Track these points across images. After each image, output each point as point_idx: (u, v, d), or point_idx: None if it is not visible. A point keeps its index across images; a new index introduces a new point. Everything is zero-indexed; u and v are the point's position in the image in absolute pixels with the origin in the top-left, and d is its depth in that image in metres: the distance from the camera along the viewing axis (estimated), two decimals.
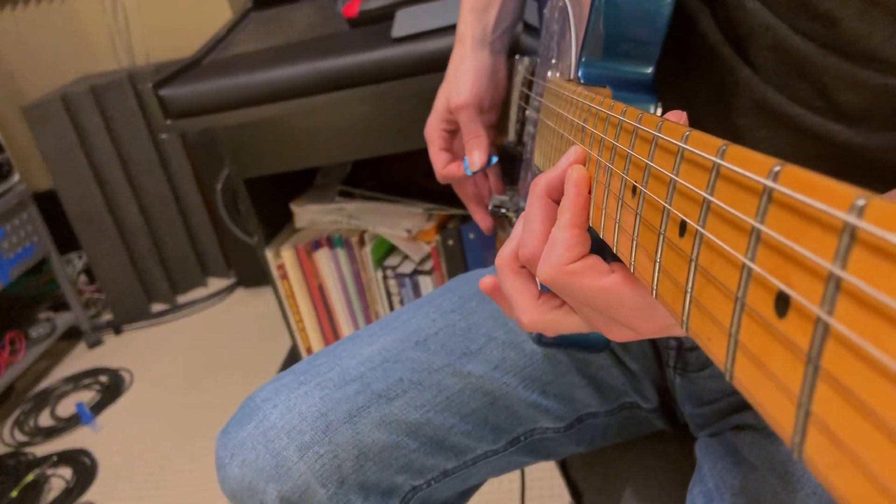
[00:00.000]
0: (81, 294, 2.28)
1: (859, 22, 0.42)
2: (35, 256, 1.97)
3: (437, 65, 1.14)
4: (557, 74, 0.59)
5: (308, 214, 1.48)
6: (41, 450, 1.73)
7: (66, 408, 1.87)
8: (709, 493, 0.56)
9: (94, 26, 2.14)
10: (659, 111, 0.48)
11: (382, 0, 1.29)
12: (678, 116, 0.37)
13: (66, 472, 1.64)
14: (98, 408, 1.84)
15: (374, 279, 1.46)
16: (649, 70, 0.50)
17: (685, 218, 0.23)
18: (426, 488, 0.59)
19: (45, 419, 1.84)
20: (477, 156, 0.66)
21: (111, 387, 1.92)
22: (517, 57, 0.79)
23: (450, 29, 1.14)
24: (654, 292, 0.27)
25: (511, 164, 0.79)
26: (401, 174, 1.53)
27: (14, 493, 1.54)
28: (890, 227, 0.13)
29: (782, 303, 0.17)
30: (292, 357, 1.80)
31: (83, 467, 1.64)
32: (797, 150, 0.48)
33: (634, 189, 0.30)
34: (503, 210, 0.73)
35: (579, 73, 0.50)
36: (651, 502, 0.67)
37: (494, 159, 0.70)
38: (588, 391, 0.63)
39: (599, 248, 0.36)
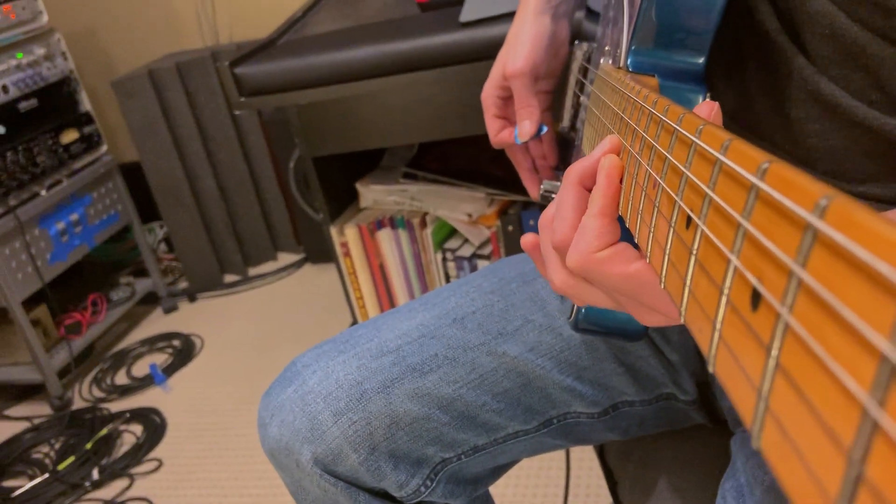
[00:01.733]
0: (160, 262, 2.38)
1: None
2: (118, 224, 2.07)
3: None
4: (610, 62, 0.59)
5: (372, 194, 1.51)
6: (116, 406, 1.82)
7: (140, 368, 1.97)
8: (740, 488, 0.56)
9: (183, 5, 2.22)
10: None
11: None
12: (709, 108, 0.37)
13: (137, 428, 1.73)
14: (170, 370, 1.93)
15: (434, 261, 1.48)
16: (700, 60, 0.49)
17: (689, 211, 0.24)
18: (456, 461, 0.61)
19: (121, 378, 1.94)
20: (527, 125, 0.66)
21: (183, 351, 2.00)
22: (576, 42, 0.79)
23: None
24: (662, 283, 0.28)
25: (566, 150, 0.79)
26: (464, 158, 1.54)
27: (88, 445, 1.64)
28: (845, 229, 0.13)
29: (756, 297, 0.17)
30: None
31: (153, 425, 1.73)
32: (851, 145, 0.47)
33: (655, 182, 0.30)
34: (553, 195, 0.73)
35: (628, 62, 0.50)
36: (684, 494, 0.67)
37: (544, 129, 0.70)
38: (624, 379, 0.63)
39: (630, 236, 0.37)
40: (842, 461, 0.13)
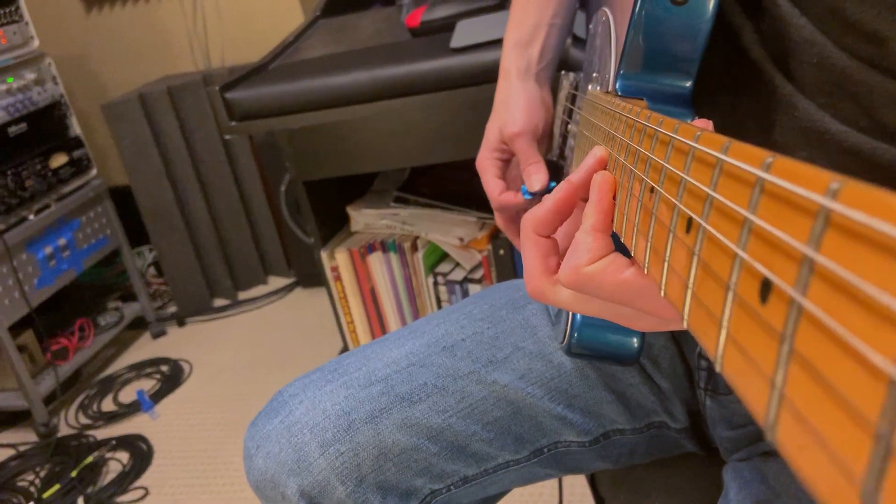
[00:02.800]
0: (149, 286, 2.37)
1: None
2: (107, 248, 2.06)
3: (494, 75, 1.14)
4: (598, 87, 0.59)
5: (363, 218, 1.51)
6: (102, 433, 1.80)
7: (127, 394, 1.94)
8: None
9: (175, 29, 2.23)
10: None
11: (444, 11, 1.30)
12: (704, 124, 0.37)
13: (124, 456, 1.70)
14: (157, 396, 1.90)
15: (425, 285, 1.47)
16: (688, 84, 0.49)
17: (691, 213, 0.24)
18: (445, 493, 0.60)
19: (107, 404, 1.91)
20: (536, 179, 0.66)
21: (171, 376, 1.98)
22: (562, 73, 0.79)
23: None
24: (663, 290, 0.28)
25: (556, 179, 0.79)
26: (455, 182, 1.54)
27: (74, 473, 1.61)
28: (861, 207, 0.14)
29: (766, 289, 0.17)
30: None
31: (140, 453, 1.70)
32: (840, 171, 0.47)
33: (652, 189, 0.30)
34: None
35: (616, 86, 0.50)
36: None
37: (553, 184, 0.70)
38: (615, 407, 0.62)
39: (625, 251, 0.37)
40: (868, 439, 0.13)
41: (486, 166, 0.71)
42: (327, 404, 0.58)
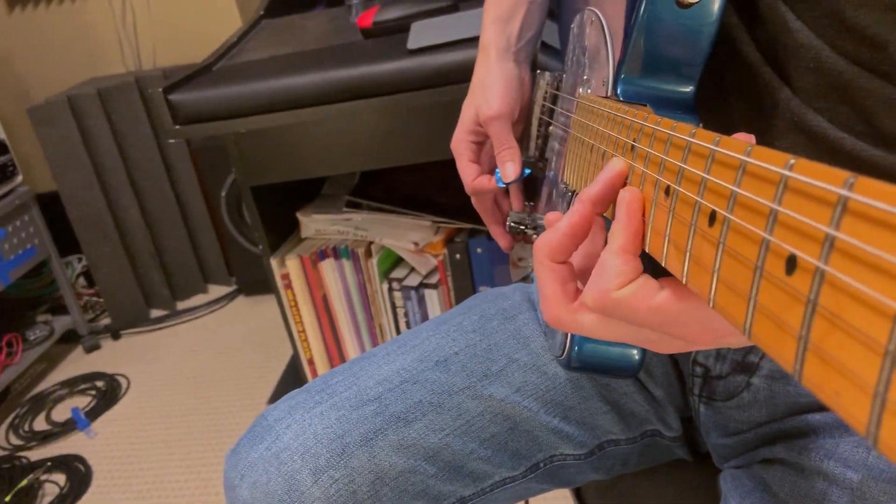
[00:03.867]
0: (80, 297, 2.26)
1: None
2: (35, 258, 1.94)
3: (451, 78, 1.13)
4: (589, 90, 0.57)
5: (315, 224, 1.47)
6: (36, 454, 1.70)
7: (61, 412, 1.84)
8: None
9: (103, 29, 2.13)
10: None
11: (397, 12, 1.28)
12: (747, 138, 0.36)
13: (60, 478, 1.61)
14: (94, 413, 1.82)
15: (380, 291, 1.44)
16: (689, 89, 0.49)
17: (715, 208, 0.27)
18: None
19: (40, 423, 1.81)
20: (510, 167, 0.64)
21: (107, 392, 1.89)
22: (538, 72, 0.77)
23: (465, 42, 1.13)
24: (685, 278, 0.29)
25: (528, 181, 0.77)
26: (409, 186, 1.51)
27: (7, 498, 1.52)
28: (877, 197, 0.18)
29: (791, 264, 0.21)
30: (292, 367, 1.77)
31: (77, 474, 1.62)
32: None
33: (669, 190, 0.32)
34: (522, 227, 0.71)
35: (618, 91, 0.48)
36: None
37: (527, 171, 0.68)
38: (610, 417, 0.61)
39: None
40: (878, 358, 0.17)
41: (461, 150, 0.68)
42: (318, 427, 0.54)
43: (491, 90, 0.64)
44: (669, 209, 0.31)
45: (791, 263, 0.21)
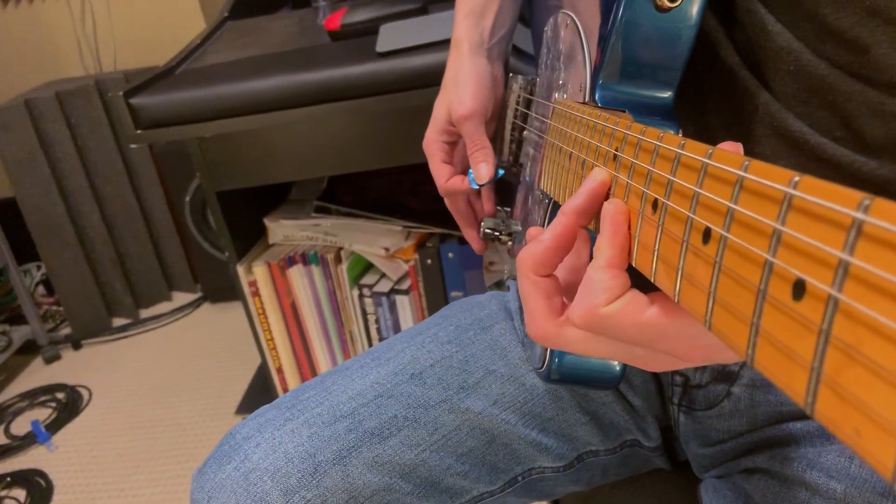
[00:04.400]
0: (39, 307, 2.20)
1: (890, 50, 0.40)
2: None
3: (420, 81, 1.11)
4: (565, 95, 0.56)
5: (282, 230, 1.44)
6: None
7: (20, 426, 1.79)
8: None
9: (62, 31, 2.07)
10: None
11: (365, 14, 1.26)
12: (734, 147, 0.35)
13: (20, 493, 1.56)
14: (54, 426, 1.77)
15: (350, 298, 1.42)
16: (668, 94, 0.48)
17: (713, 227, 0.25)
18: None
19: None
20: (484, 168, 0.62)
21: (69, 404, 1.84)
22: (510, 75, 0.76)
23: (435, 45, 1.11)
24: (677, 297, 0.28)
25: (501, 185, 0.76)
26: (379, 191, 1.49)
27: None
28: (893, 220, 0.17)
29: (798, 289, 0.20)
30: (261, 376, 1.74)
31: (38, 489, 1.57)
32: None
33: (656, 204, 0.30)
34: (497, 234, 0.70)
35: (597, 96, 0.47)
36: None
37: (501, 172, 0.66)
38: (589, 428, 0.60)
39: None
40: None
41: (433, 150, 0.66)
42: (289, 446, 0.52)
43: (463, 88, 0.62)
44: (658, 223, 0.30)
45: (799, 288, 0.20)
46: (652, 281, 0.30)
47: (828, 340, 0.19)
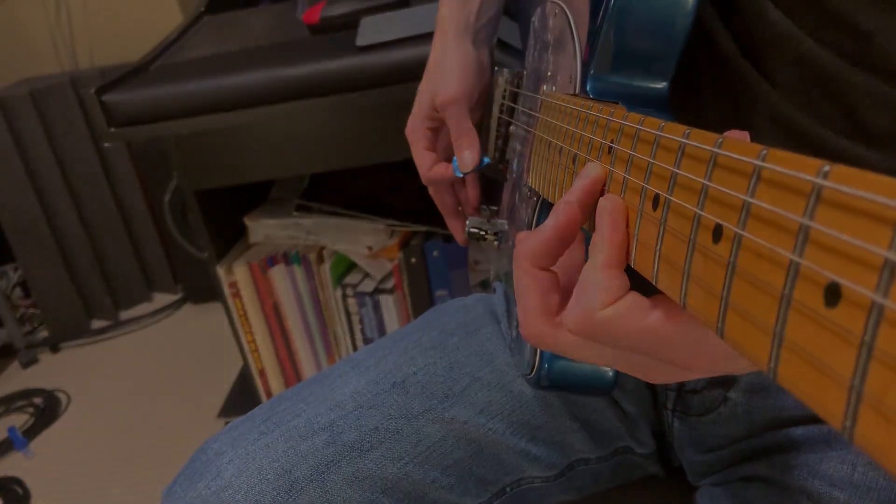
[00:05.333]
0: (15, 309, 2.15)
1: (895, 37, 0.38)
2: None
3: (402, 76, 1.08)
4: (554, 88, 0.53)
5: (263, 229, 1.41)
6: None
7: None
8: None
9: (36, 27, 2.02)
10: None
11: (346, 7, 1.23)
12: (741, 135, 0.32)
13: None
14: (32, 432, 1.73)
15: (333, 298, 1.39)
16: (663, 85, 0.45)
17: (725, 223, 0.23)
18: None
19: None
20: (468, 155, 0.60)
21: (46, 409, 1.81)
22: (496, 69, 0.74)
23: (417, 38, 1.08)
24: (683, 302, 0.26)
25: (487, 184, 0.73)
26: (362, 189, 1.46)
27: None
28: None
29: (832, 294, 0.18)
30: (242, 379, 1.71)
31: (15, 497, 1.54)
32: None
33: (657, 199, 0.28)
34: (482, 233, 0.67)
35: (587, 88, 0.45)
36: None
37: (486, 160, 0.64)
38: (580, 436, 0.58)
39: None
40: None
41: (417, 137, 0.64)
42: (263, 462, 0.49)
43: (448, 72, 0.60)
44: (660, 221, 0.28)
45: (833, 294, 0.18)
46: (654, 283, 0.28)
47: (871, 354, 0.16)
